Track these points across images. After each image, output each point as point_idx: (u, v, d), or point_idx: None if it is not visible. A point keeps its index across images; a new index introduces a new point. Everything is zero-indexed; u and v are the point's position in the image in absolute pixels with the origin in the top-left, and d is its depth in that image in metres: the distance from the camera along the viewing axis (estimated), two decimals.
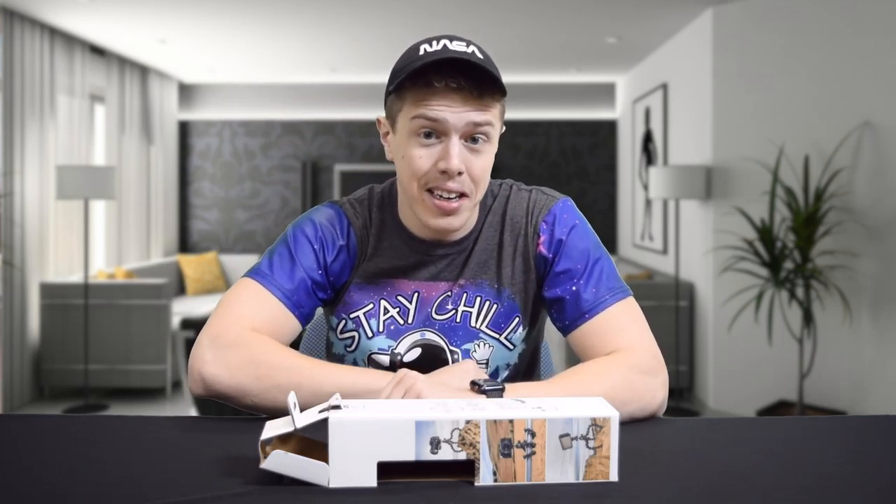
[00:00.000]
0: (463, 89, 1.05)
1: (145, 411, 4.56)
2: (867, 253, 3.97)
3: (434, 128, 1.07)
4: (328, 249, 1.18)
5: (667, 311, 4.73)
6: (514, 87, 7.23)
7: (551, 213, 1.19)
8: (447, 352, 1.18)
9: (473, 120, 1.06)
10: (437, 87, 1.05)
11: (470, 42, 1.09)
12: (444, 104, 1.05)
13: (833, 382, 4.10)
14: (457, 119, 1.06)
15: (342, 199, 1.24)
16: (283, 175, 7.33)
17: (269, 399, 1.01)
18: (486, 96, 1.07)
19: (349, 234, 1.19)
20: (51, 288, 4.77)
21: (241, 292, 1.12)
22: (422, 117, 1.06)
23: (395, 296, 1.18)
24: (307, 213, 1.21)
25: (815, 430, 1.03)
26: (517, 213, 1.20)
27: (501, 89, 1.08)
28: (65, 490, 0.78)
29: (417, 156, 1.08)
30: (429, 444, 0.78)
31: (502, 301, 1.18)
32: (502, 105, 1.12)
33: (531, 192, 1.22)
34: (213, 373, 1.03)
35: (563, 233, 1.18)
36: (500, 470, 0.79)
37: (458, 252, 1.19)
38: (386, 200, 1.22)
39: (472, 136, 1.08)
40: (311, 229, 1.18)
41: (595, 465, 0.80)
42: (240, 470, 0.83)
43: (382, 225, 1.21)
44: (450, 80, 1.04)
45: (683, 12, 4.67)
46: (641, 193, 6.16)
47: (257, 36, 5.34)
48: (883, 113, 3.91)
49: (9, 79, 4.56)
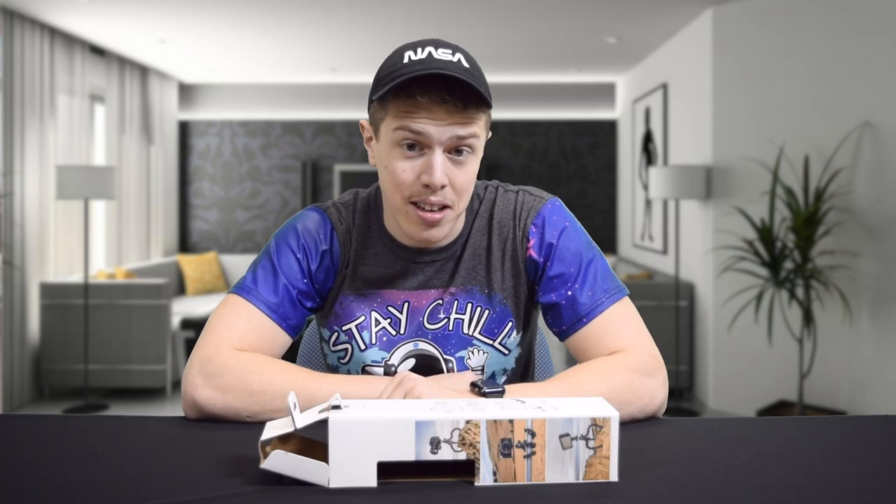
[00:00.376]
0: (447, 103, 1.02)
1: (145, 411, 4.56)
2: (867, 253, 3.97)
3: (417, 140, 1.05)
4: (311, 257, 1.17)
5: (667, 311, 4.73)
6: (514, 87, 7.26)
7: (540, 216, 1.17)
8: (441, 361, 1.17)
9: (458, 133, 1.04)
10: (422, 100, 1.02)
11: (456, 49, 1.06)
12: (427, 118, 1.03)
13: (833, 382, 4.10)
14: (440, 133, 1.04)
15: (327, 203, 1.22)
16: (283, 175, 7.33)
17: (266, 415, 1.01)
18: (470, 108, 1.04)
19: (332, 238, 1.18)
20: (51, 288, 4.77)
21: (227, 311, 1.12)
22: (405, 129, 1.04)
23: (385, 307, 1.17)
24: (290, 220, 1.20)
25: (815, 430, 1.03)
26: (504, 216, 1.18)
27: (487, 102, 1.05)
28: (65, 490, 0.78)
29: (401, 168, 1.06)
30: (429, 444, 0.78)
31: (494, 306, 1.17)
32: (488, 115, 1.10)
33: (518, 194, 1.20)
34: (205, 396, 1.03)
35: (553, 236, 1.16)
36: (501, 470, 0.79)
37: (446, 258, 1.18)
38: (371, 206, 1.21)
39: (457, 149, 1.06)
40: (293, 238, 1.17)
41: (595, 465, 0.80)
42: (239, 470, 0.83)
43: (367, 231, 1.19)
44: (434, 95, 1.02)
45: (683, 12, 4.67)
46: (641, 193, 6.16)
47: (257, 36, 5.34)
48: (883, 113, 3.91)
49: (9, 79, 4.56)
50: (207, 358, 1.06)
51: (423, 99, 1.02)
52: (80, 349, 4.70)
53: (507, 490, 0.78)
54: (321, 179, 7.32)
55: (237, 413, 1.02)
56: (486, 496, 0.76)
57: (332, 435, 0.77)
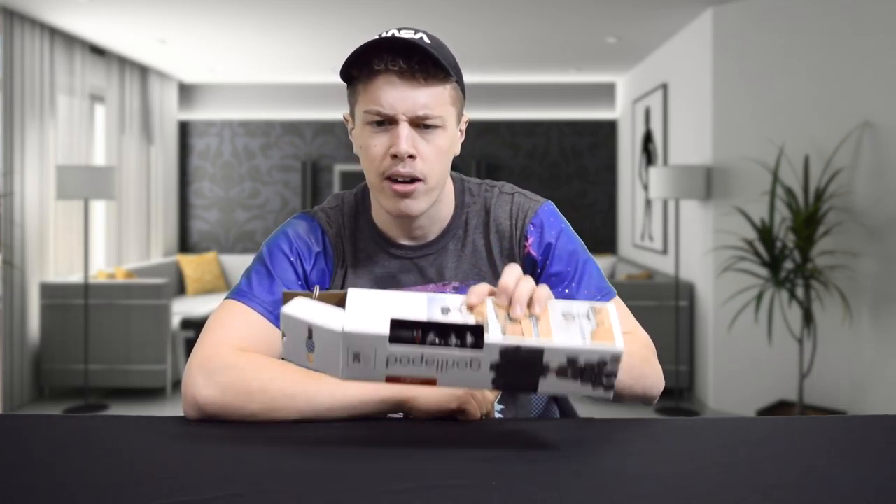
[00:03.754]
0: (405, 72, 1.07)
1: (145, 411, 4.56)
2: (867, 253, 3.97)
3: (384, 115, 1.09)
4: (305, 259, 1.18)
5: (667, 311, 4.73)
6: (514, 87, 7.26)
7: (538, 216, 1.21)
8: None
9: (418, 101, 1.08)
10: (379, 70, 1.07)
11: (419, 30, 1.10)
12: (387, 89, 1.07)
13: (833, 382, 4.10)
14: (401, 101, 1.07)
15: (314, 209, 1.24)
16: (283, 175, 7.33)
17: (265, 414, 1.02)
18: (430, 79, 1.08)
19: (324, 241, 1.20)
20: (51, 288, 4.77)
21: (224, 314, 1.13)
22: (371, 106, 1.09)
23: None
24: (280, 227, 1.22)
25: (814, 430, 1.03)
26: (501, 217, 1.21)
27: (445, 70, 1.08)
28: (65, 490, 0.77)
29: (372, 144, 1.11)
30: (440, 311, 0.81)
31: None
32: (454, 89, 1.13)
33: (514, 196, 1.23)
34: (206, 395, 1.03)
35: (552, 236, 1.19)
36: (508, 330, 0.81)
37: (438, 252, 1.20)
38: (359, 207, 1.23)
39: (424, 123, 1.09)
40: (285, 243, 1.18)
41: (599, 333, 0.82)
42: (239, 470, 0.83)
43: (357, 233, 1.21)
44: (390, 63, 1.06)
45: (683, 12, 4.67)
46: (641, 193, 6.16)
47: (257, 36, 5.34)
48: (883, 113, 3.91)
49: (9, 79, 4.56)
50: (208, 357, 1.06)
51: (379, 67, 1.07)
52: (80, 349, 4.70)
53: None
54: (321, 179, 7.32)
55: (237, 412, 1.03)
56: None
57: (350, 300, 0.81)
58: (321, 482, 0.79)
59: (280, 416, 1.01)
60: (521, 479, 0.80)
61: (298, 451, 0.84)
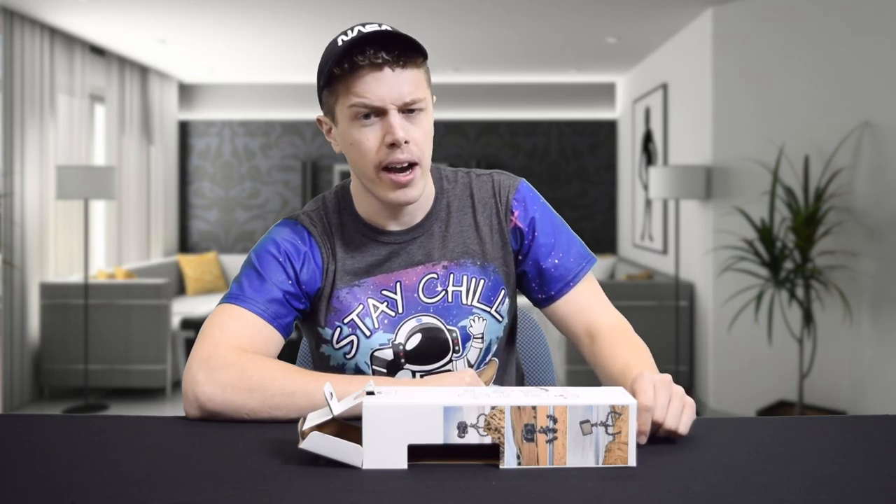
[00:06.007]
0: (387, 62, 1.10)
1: (145, 411, 4.56)
2: (867, 253, 3.97)
3: (372, 107, 1.11)
4: (295, 260, 1.20)
5: (667, 311, 4.73)
6: (514, 87, 7.26)
7: (520, 192, 1.28)
8: (445, 331, 1.21)
9: (403, 89, 1.11)
10: (363, 65, 1.10)
11: (382, 24, 1.14)
12: (372, 82, 1.10)
13: (833, 382, 4.10)
14: (388, 92, 1.11)
15: (295, 213, 1.27)
16: (283, 175, 7.33)
17: (265, 412, 1.03)
18: (409, 65, 1.12)
19: (311, 241, 1.22)
20: (51, 288, 4.77)
21: (219, 317, 1.14)
22: (358, 99, 1.11)
23: (379, 291, 1.22)
24: (266, 234, 1.24)
25: (815, 430, 1.03)
26: (484, 194, 1.27)
27: (423, 52, 1.13)
28: (65, 490, 0.78)
29: (364, 138, 1.13)
30: (456, 429, 0.82)
31: (488, 276, 1.24)
32: (426, 71, 1.18)
33: (492, 175, 1.30)
34: (206, 392, 1.04)
35: (535, 210, 1.27)
36: (524, 454, 0.83)
37: (424, 233, 1.24)
38: (341, 204, 1.27)
39: (409, 108, 1.13)
40: (272, 246, 1.21)
41: (614, 450, 0.84)
42: (240, 470, 0.83)
43: (343, 228, 1.24)
44: (373, 57, 1.09)
45: (683, 12, 4.67)
46: (641, 193, 6.16)
47: (257, 36, 5.34)
48: (883, 113, 3.91)
49: (9, 79, 4.56)
50: (207, 355, 1.07)
51: (363, 62, 1.09)
52: (80, 349, 4.70)
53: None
54: (321, 179, 7.32)
55: (237, 409, 1.03)
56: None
57: (366, 418, 0.82)
58: (321, 482, 0.79)
59: (279, 414, 1.02)
60: (518, 477, 0.80)
61: (298, 451, 0.85)
